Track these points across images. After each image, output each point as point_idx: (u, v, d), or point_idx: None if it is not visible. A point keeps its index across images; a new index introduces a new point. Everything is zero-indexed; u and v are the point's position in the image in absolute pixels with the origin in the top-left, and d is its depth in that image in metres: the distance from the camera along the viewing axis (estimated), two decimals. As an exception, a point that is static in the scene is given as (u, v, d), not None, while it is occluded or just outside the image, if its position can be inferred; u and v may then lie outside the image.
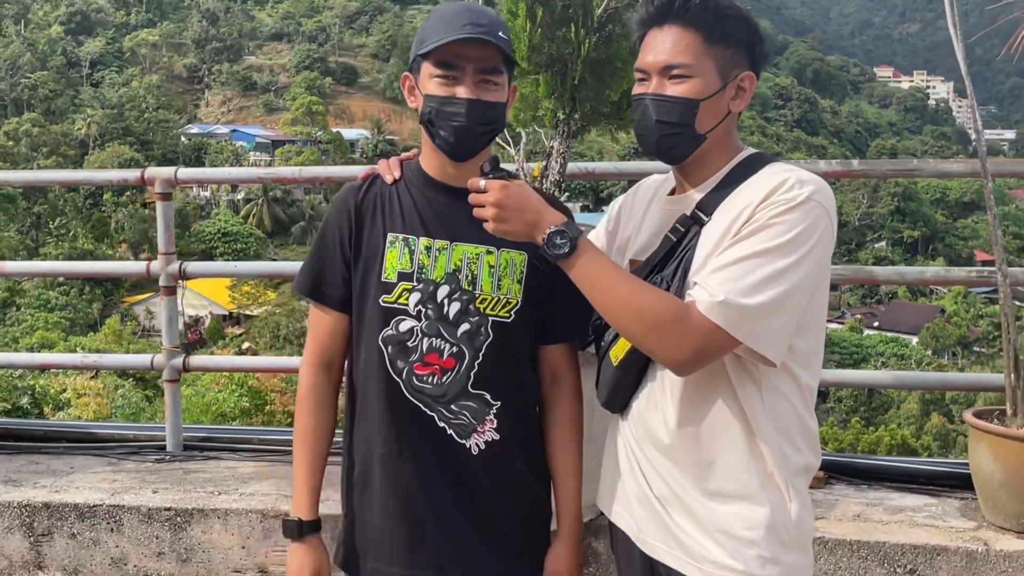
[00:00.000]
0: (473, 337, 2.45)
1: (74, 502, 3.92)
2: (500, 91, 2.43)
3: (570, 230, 2.19)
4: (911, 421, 46.86)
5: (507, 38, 2.42)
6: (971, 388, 4.52)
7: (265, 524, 3.80)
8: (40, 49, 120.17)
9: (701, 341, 2.09)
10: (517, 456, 2.54)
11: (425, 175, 2.53)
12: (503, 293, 2.47)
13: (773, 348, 2.12)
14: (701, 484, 2.25)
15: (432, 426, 2.46)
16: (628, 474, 2.41)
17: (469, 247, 2.46)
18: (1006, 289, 3.61)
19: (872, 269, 4.40)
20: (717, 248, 2.17)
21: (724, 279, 2.09)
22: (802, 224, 2.11)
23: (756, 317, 2.07)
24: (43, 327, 51.34)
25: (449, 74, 2.38)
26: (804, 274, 2.11)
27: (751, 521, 2.20)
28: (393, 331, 2.46)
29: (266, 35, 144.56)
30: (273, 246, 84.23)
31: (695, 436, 2.25)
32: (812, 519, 2.31)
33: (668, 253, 2.32)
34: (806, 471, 2.28)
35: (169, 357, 4.61)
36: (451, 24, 2.35)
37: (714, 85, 2.27)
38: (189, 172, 4.75)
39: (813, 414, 2.30)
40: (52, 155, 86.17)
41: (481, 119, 2.39)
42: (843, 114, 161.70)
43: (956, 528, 3.57)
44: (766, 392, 2.21)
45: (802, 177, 2.18)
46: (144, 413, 21.46)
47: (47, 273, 6.34)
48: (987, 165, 3.69)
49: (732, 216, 2.18)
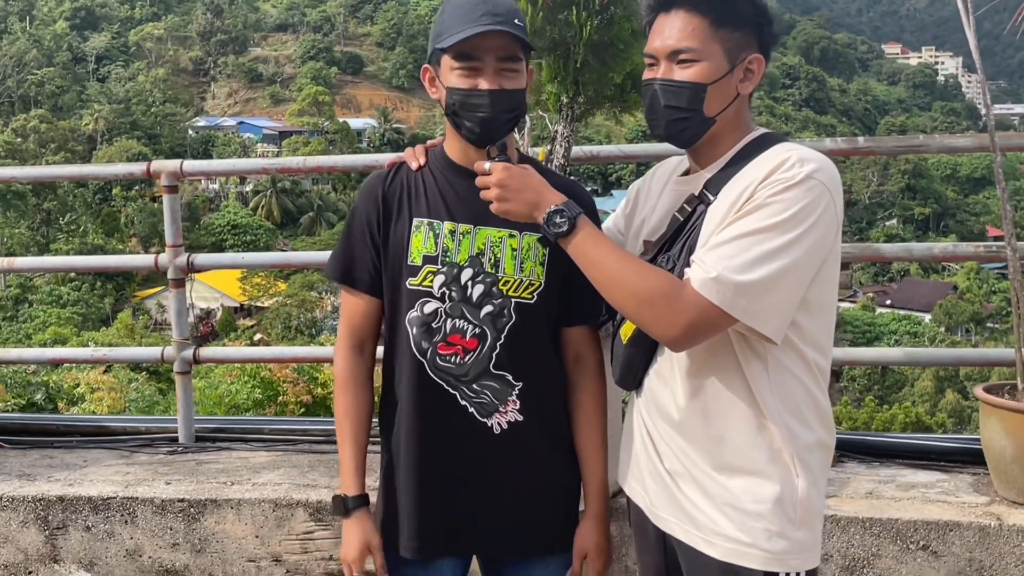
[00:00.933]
0: (496, 319, 2.52)
1: (88, 495, 3.94)
2: (520, 77, 2.49)
3: (569, 209, 2.25)
4: (925, 399, 46.76)
5: (523, 24, 2.47)
6: (983, 363, 4.50)
7: (278, 513, 3.81)
8: (46, 45, 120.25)
9: (694, 317, 2.12)
10: (541, 437, 2.59)
11: (449, 161, 2.60)
12: (525, 275, 2.53)
13: (771, 325, 2.13)
14: (711, 459, 2.28)
15: (455, 404, 2.53)
16: (641, 450, 2.45)
17: (492, 231, 2.52)
18: (1015, 264, 3.59)
19: (880, 246, 4.38)
20: (719, 227, 2.18)
21: (720, 256, 2.11)
22: (802, 202, 2.12)
23: (751, 294, 2.09)
24: (55, 323, 51.55)
25: (470, 66, 2.44)
26: (803, 252, 2.12)
27: (759, 496, 2.23)
28: (418, 312, 2.53)
29: (271, 26, 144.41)
30: (283, 237, 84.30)
31: (703, 412, 2.29)
32: (823, 498, 2.33)
33: (676, 233, 2.36)
34: (820, 448, 2.30)
35: (179, 349, 4.62)
36: (468, 15, 2.41)
37: (721, 68, 2.29)
38: (195, 164, 4.75)
39: (826, 392, 2.31)
40: (60, 151, 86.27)
41: (505, 107, 2.45)
42: (852, 92, 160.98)
43: (968, 503, 3.57)
44: (773, 369, 2.23)
45: (804, 155, 2.18)
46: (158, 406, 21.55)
47: (56, 268, 6.34)
48: (996, 139, 3.67)
49: (735, 195, 2.20)
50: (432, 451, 2.55)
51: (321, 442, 4.53)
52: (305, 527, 3.79)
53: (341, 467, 2.67)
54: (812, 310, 2.23)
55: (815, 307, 2.24)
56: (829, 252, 2.21)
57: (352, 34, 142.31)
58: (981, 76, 3.63)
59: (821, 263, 2.19)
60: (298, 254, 13.41)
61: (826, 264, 2.21)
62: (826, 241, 2.18)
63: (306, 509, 3.80)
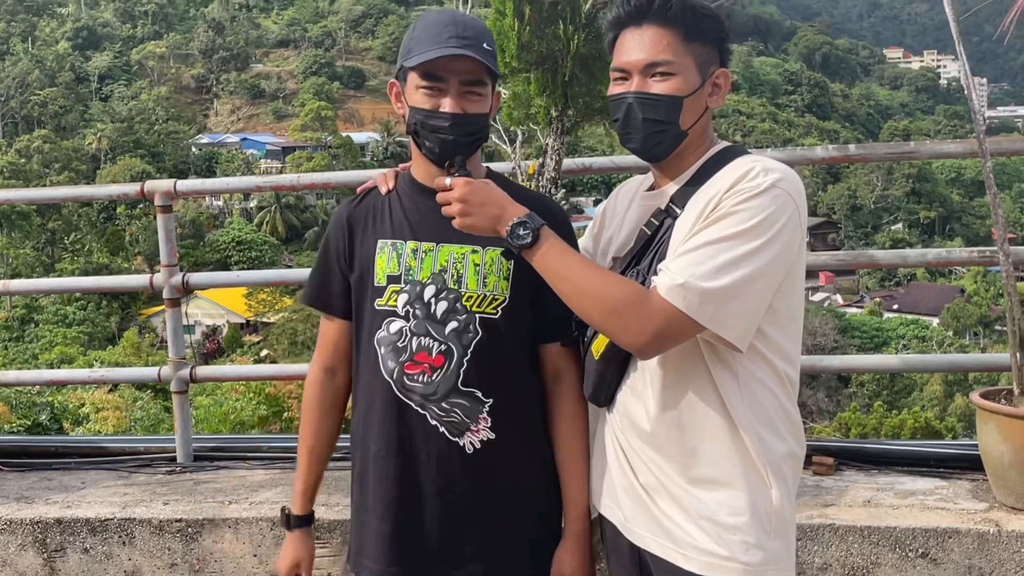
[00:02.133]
0: (461, 335, 2.50)
1: (86, 517, 3.94)
2: (484, 102, 2.50)
3: (532, 221, 2.26)
4: (935, 403, 46.58)
5: (491, 49, 2.49)
6: (980, 369, 4.49)
7: (276, 532, 3.81)
8: (48, 66, 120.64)
9: (661, 324, 2.13)
10: (516, 456, 2.56)
11: (414, 181, 2.61)
12: (489, 290, 2.51)
13: (736, 332, 2.14)
14: (685, 471, 2.29)
15: (425, 424, 2.51)
16: (615, 466, 2.44)
17: (455, 247, 2.52)
18: (1008, 268, 3.59)
19: (874, 253, 4.37)
20: (686, 237, 2.20)
21: (686, 263, 2.13)
22: (767, 210, 2.14)
23: (717, 301, 2.10)
24: (62, 342, 51.64)
25: (434, 86, 2.45)
26: (769, 259, 2.13)
27: (735, 508, 2.24)
28: (385, 332, 2.53)
29: (272, 42, 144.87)
30: (287, 252, 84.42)
31: (676, 424, 2.29)
32: (794, 508, 2.33)
33: (644, 247, 2.37)
34: (791, 459, 2.31)
35: (176, 369, 4.62)
36: (437, 36, 2.43)
37: (695, 82, 2.32)
38: (188, 184, 4.76)
39: (795, 402, 2.32)
40: (64, 171, 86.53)
41: (465, 131, 2.46)
42: (854, 97, 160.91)
43: (967, 510, 3.56)
44: (743, 380, 2.24)
45: (768, 166, 2.21)
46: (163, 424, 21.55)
47: (55, 289, 6.37)
48: (985, 145, 3.67)
49: (700, 206, 2.22)
50: (403, 472, 2.53)
51: (319, 459, 4.52)
52: (302, 545, 3.78)
53: (295, 485, 2.83)
54: (779, 319, 2.25)
55: (782, 316, 2.25)
56: (794, 261, 2.22)
57: (354, 48, 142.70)
58: (965, 80, 3.64)
59: (787, 271, 2.20)
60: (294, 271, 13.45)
61: (791, 273, 2.23)
62: (791, 249, 2.19)
63: (303, 527, 3.79)
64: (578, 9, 3.53)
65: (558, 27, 3.50)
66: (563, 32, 3.49)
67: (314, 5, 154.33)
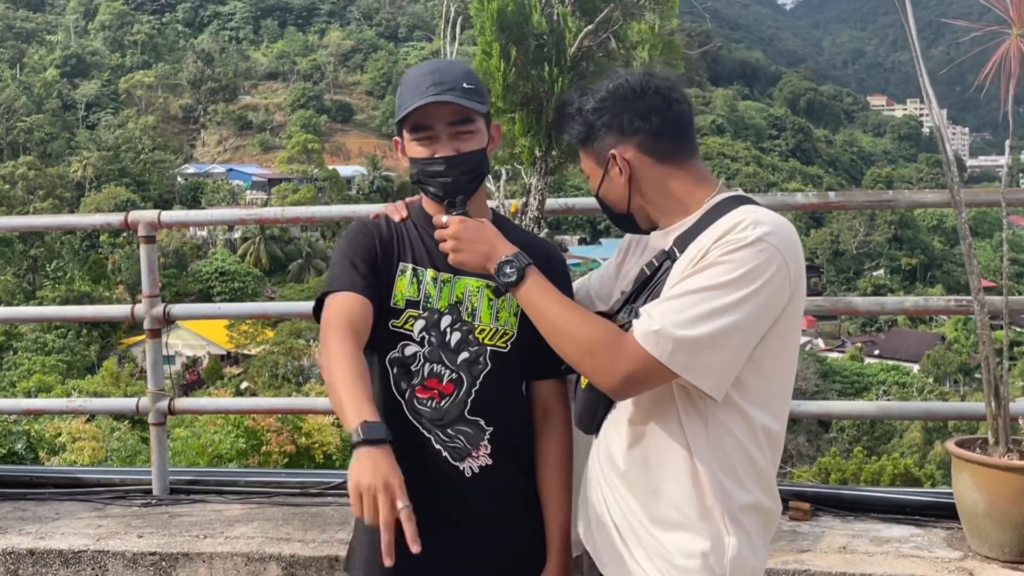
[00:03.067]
0: (472, 365, 2.57)
1: (59, 548, 3.92)
2: (478, 137, 2.57)
3: (518, 260, 2.37)
4: (914, 450, 46.64)
5: (473, 87, 2.53)
6: (956, 418, 4.52)
7: (251, 567, 3.79)
8: (35, 92, 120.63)
9: (632, 367, 2.17)
10: (510, 482, 2.63)
11: (427, 214, 2.67)
12: (500, 324, 2.60)
13: (711, 382, 2.16)
14: (647, 510, 2.32)
15: (428, 447, 2.56)
16: (596, 497, 2.48)
17: (471, 280, 2.59)
18: (984, 318, 3.62)
19: (852, 300, 4.42)
20: (673, 283, 2.23)
21: (667, 310, 2.16)
22: (751, 263, 2.15)
23: (691, 350, 2.13)
24: (40, 370, 51.21)
25: (425, 135, 2.54)
26: (749, 312, 2.15)
27: (688, 550, 2.26)
28: (399, 354, 2.58)
29: (261, 74, 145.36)
30: (271, 284, 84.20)
31: (644, 462, 2.33)
32: (760, 561, 2.33)
33: (641, 286, 2.42)
34: (755, 510, 2.30)
35: (154, 400, 4.60)
36: (416, 88, 2.51)
37: (598, 176, 2.46)
38: (172, 215, 4.76)
39: (767, 454, 2.31)
40: (48, 198, 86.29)
41: (463, 170, 2.55)
42: (838, 143, 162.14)
43: (942, 559, 3.57)
44: (712, 427, 2.26)
45: (759, 219, 2.22)
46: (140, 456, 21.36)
47: (34, 319, 6.35)
48: (959, 196, 3.71)
49: (692, 254, 2.25)
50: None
51: (296, 495, 4.51)
52: (276, 581, 3.76)
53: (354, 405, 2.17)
54: (762, 370, 2.25)
55: (766, 367, 2.26)
56: (782, 313, 2.22)
57: (342, 83, 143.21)
58: (941, 133, 3.68)
59: (770, 324, 2.21)
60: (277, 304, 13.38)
61: (779, 325, 2.23)
62: (776, 302, 2.20)
63: (279, 563, 3.78)
64: (564, 51, 3.57)
65: (543, 69, 3.53)
66: (548, 74, 3.53)
67: (303, 39, 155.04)
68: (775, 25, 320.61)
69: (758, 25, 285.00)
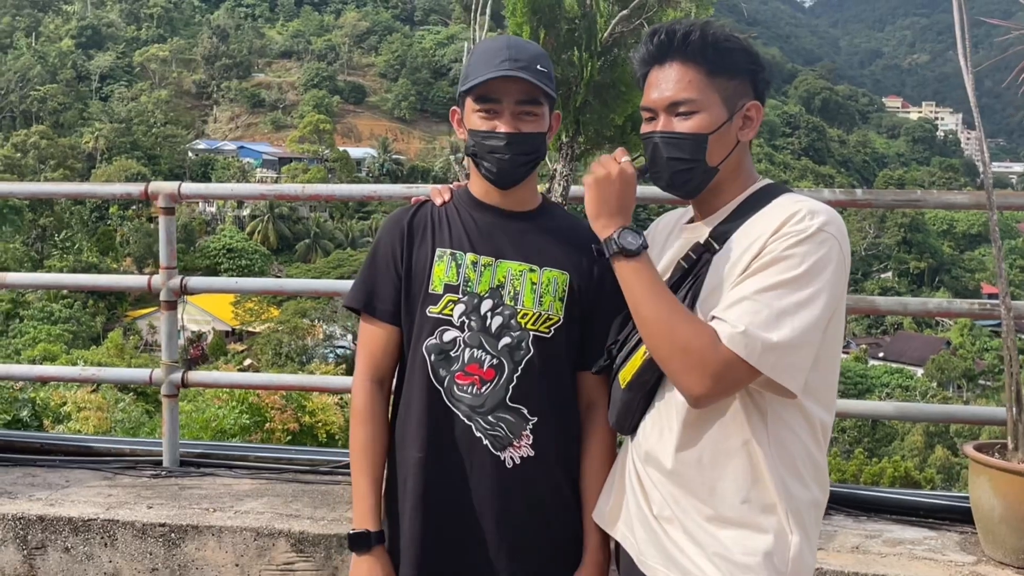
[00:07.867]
0: (514, 351, 2.53)
1: (68, 516, 3.91)
2: (540, 121, 2.55)
3: (643, 237, 2.28)
4: (915, 453, 46.61)
5: (545, 70, 2.52)
6: (973, 421, 4.49)
7: (259, 542, 3.78)
8: (50, 62, 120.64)
9: (722, 370, 2.11)
10: (552, 474, 2.59)
11: (473, 197, 2.66)
12: (544, 309, 2.56)
13: (796, 381, 2.13)
14: (702, 508, 2.26)
15: (469, 435, 2.53)
16: (631, 494, 2.43)
17: (513, 264, 2.57)
18: (1009, 322, 3.60)
19: (875, 299, 4.36)
20: (728, 279, 2.19)
21: (742, 312, 2.11)
22: (815, 256, 2.12)
23: (780, 351, 2.09)
24: (45, 339, 51.34)
25: (489, 108, 2.52)
26: (822, 307, 2.13)
27: (750, 548, 2.21)
28: (437, 340, 2.55)
29: (275, 53, 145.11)
30: (278, 263, 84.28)
31: (698, 461, 2.27)
32: (815, 555, 2.30)
33: (680, 279, 2.35)
34: (814, 506, 2.28)
35: (168, 372, 4.59)
36: (490, 61, 2.49)
37: (720, 117, 2.30)
38: (192, 187, 4.74)
39: (824, 450, 2.30)
40: (59, 168, 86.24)
41: (521, 150, 2.52)
42: (851, 143, 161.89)
43: (955, 562, 3.55)
44: (772, 424, 2.22)
45: (813, 208, 2.19)
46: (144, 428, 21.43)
47: (49, 285, 6.32)
48: (993, 197, 3.68)
49: (743, 248, 2.21)
50: (442, 481, 2.54)
51: (306, 471, 4.51)
52: (286, 557, 3.76)
53: (357, 502, 2.60)
54: (819, 364, 2.21)
55: (822, 361, 2.22)
56: (837, 305, 2.20)
57: (356, 64, 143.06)
58: (980, 133, 3.64)
59: (831, 316, 2.18)
60: (292, 281, 13.39)
61: (833, 317, 2.20)
62: (841, 292, 2.18)
63: (288, 539, 3.77)
64: (595, 36, 3.54)
65: (573, 53, 3.50)
66: (578, 59, 3.50)
67: (319, 18, 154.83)
68: (793, 23, 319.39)
69: (776, 22, 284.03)
